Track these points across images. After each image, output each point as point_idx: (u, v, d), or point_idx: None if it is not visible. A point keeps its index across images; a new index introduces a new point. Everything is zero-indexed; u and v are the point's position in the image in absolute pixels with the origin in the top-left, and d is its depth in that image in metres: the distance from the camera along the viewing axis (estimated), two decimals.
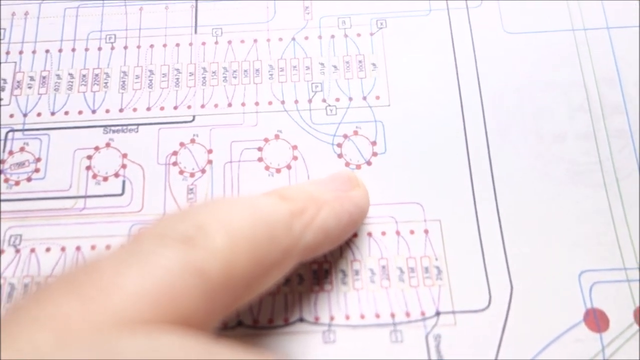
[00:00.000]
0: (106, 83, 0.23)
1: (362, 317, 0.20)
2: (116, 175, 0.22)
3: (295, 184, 0.21)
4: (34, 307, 0.13)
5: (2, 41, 0.24)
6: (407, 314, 0.20)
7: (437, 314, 0.20)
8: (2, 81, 0.23)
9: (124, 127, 0.22)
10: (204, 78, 0.23)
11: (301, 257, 0.17)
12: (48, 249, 0.20)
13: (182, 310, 0.13)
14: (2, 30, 0.24)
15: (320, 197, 0.18)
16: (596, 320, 0.19)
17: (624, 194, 0.21)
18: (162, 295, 0.13)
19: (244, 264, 0.15)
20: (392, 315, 0.20)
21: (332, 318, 0.20)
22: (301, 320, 0.20)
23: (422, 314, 0.20)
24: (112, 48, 0.24)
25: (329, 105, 0.23)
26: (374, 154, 0.22)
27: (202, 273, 0.14)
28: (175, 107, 0.23)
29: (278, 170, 0.22)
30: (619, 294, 0.20)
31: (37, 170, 0.22)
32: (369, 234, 0.21)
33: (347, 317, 0.20)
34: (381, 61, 0.23)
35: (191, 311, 0.13)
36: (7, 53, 0.23)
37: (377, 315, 0.20)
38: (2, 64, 0.23)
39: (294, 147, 0.22)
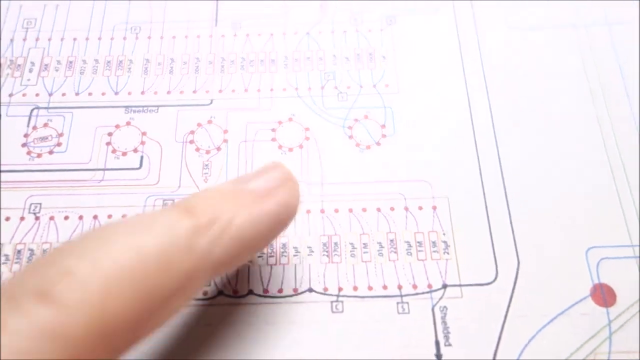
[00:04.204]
0: (129, 68, 0.24)
1: (370, 288, 0.20)
2: (135, 150, 0.22)
3: (211, 187, 0.17)
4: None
5: (32, 29, 0.25)
6: (414, 286, 0.20)
7: (444, 286, 0.20)
8: (30, 64, 0.24)
9: (145, 108, 0.23)
10: (222, 66, 0.24)
11: (214, 273, 0.16)
12: (66, 217, 0.21)
13: None
14: (33, 20, 0.25)
15: (236, 201, 0.16)
16: (603, 295, 0.20)
17: (629, 172, 0.22)
18: None
19: (125, 305, 0.13)
20: (399, 287, 0.20)
21: (340, 289, 0.20)
22: (310, 290, 0.20)
23: (429, 286, 0.20)
24: (137, 38, 0.25)
25: (341, 92, 0.24)
26: (383, 136, 0.23)
27: (59, 336, 0.12)
28: (194, 91, 0.24)
29: (290, 149, 0.22)
30: (626, 270, 0.20)
31: (59, 144, 0.22)
32: (378, 209, 0.21)
33: (355, 288, 0.20)
34: (391, 54, 0.25)
35: None
36: (37, 39, 0.25)
37: (385, 287, 0.20)
38: (30, 50, 0.25)
39: (307, 129, 0.23)
